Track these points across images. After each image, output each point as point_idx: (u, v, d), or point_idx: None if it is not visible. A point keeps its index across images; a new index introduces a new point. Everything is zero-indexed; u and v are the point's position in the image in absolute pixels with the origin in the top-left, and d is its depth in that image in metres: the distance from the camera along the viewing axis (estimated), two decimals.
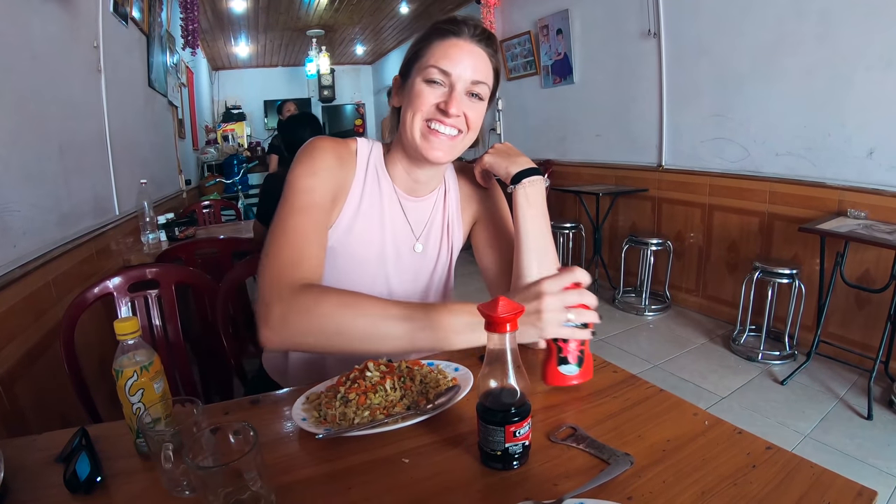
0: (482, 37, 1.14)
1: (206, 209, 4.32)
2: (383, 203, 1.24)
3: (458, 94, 1.11)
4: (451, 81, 1.11)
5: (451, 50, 1.11)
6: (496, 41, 1.18)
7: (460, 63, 1.10)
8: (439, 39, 1.12)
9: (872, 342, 3.13)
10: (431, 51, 1.12)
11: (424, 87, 1.11)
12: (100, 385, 1.81)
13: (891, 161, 3.07)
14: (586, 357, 1.03)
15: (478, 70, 1.12)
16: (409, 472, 0.79)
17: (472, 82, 1.12)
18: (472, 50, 1.12)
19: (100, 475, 0.79)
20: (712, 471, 0.77)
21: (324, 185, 1.12)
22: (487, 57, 1.15)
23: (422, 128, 1.13)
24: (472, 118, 1.14)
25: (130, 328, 0.84)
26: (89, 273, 2.47)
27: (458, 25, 1.12)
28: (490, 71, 1.16)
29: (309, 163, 1.13)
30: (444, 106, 1.10)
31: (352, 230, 1.20)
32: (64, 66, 2.53)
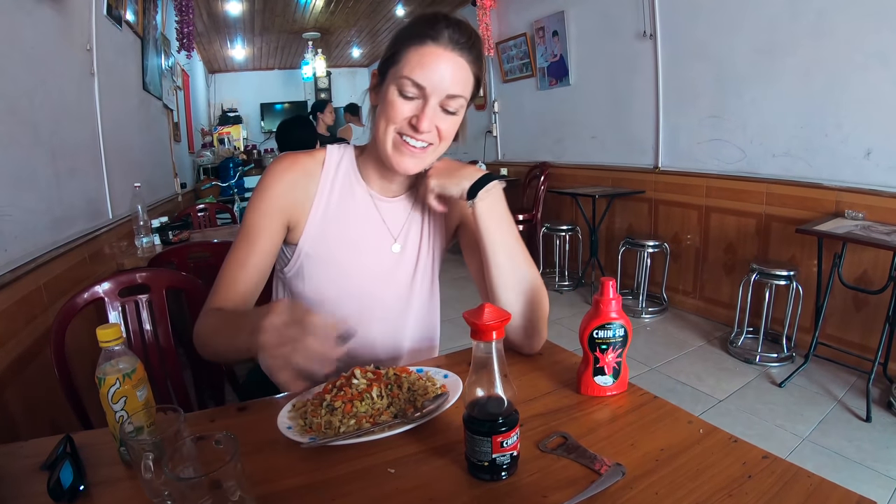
0: (463, 43, 1.07)
1: (201, 212, 4.29)
2: (356, 206, 1.24)
3: (430, 110, 1.06)
4: (425, 94, 1.06)
5: (426, 59, 1.04)
6: (480, 44, 1.12)
7: (436, 74, 1.05)
8: (416, 45, 1.06)
9: (871, 344, 3.12)
10: (407, 58, 1.06)
11: (397, 98, 1.07)
12: (91, 390, 1.79)
13: (888, 161, 3.06)
14: (623, 369, 1.02)
15: (455, 82, 1.07)
16: (394, 482, 0.77)
17: (447, 96, 1.07)
18: (450, 59, 1.06)
19: (83, 483, 0.78)
20: (707, 481, 0.75)
21: (267, 212, 1.16)
22: (467, 65, 1.08)
23: (393, 139, 1.10)
24: (444, 130, 1.11)
25: (113, 335, 0.82)
26: (82, 277, 2.45)
27: (436, 29, 1.05)
28: (469, 80, 1.11)
29: (254, 194, 1.18)
30: (415, 122, 1.07)
31: (324, 235, 1.21)
32: (57, 69, 2.52)
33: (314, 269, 1.22)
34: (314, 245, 1.21)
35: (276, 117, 10.87)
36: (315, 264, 1.22)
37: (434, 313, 1.40)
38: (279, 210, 1.17)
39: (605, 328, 0.99)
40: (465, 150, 7.26)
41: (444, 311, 1.43)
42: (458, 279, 5.35)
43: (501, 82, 6.57)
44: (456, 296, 4.97)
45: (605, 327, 0.99)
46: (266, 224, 1.16)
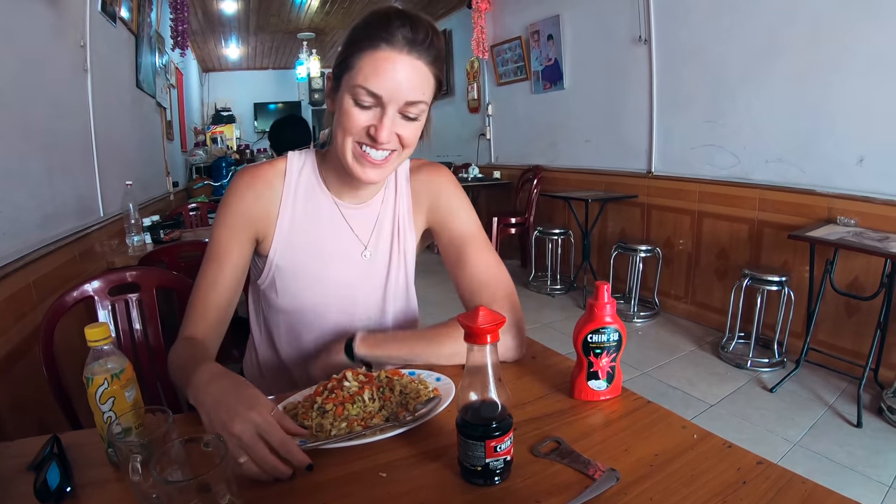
0: (420, 42, 0.99)
1: (192, 212, 4.28)
2: (322, 213, 1.21)
3: (388, 119, 1.01)
4: (381, 103, 1.00)
5: (381, 65, 0.98)
6: (438, 40, 1.03)
7: (391, 81, 0.98)
8: (369, 50, 0.98)
9: (862, 350, 3.12)
10: (360, 65, 0.99)
11: (353, 108, 1.01)
12: (80, 390, 1.77)
13: (881, 168, 3.07)
14: (617, 373, 1.01)
15: (413, 88, 1.00)
16: (386, 486, 0.76)
17: (405, 103, 1.01)
18: (406, 64, 0.99)
19: (70, 485, 0.76)
20: (702, 487, 0.74)
21: (234, 229, 1.14)
22: (425, 66, 1.02)
23: (353, 149, 1.06)
24: (406, 136, 1.05)
25: (101, 334, 0.81)
26: (72, 275, 2.43)
27: (389, 30, 0.98)
28: (429, 83, 1.04)
29: (219, 212, 1.16)
30: (373, 132, 1.02)
31: (293, 246, 1.19)
32: (49, 65, 2.50)
33: (287, 280, 1.21)
34: (284, 256, 1.19)
35: (270, 117, 10.87)
36: (287, 275, 1.21)
37: (412, 316, 1.38)
38: (245, 225, 1.15)
39: (599, 332, 0.98)
40: (458, 153, 7.26)
41: (425, 315, 1.42)
42: (440, 283, 5.35)
43: (496, 85, 6.58)
44: (436, 300, 4.98)
45: (600, 331, 0.98)
46: (233, 242, 1.14)
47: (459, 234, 1.25)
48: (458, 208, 1.27)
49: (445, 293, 5.13)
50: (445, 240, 1.27)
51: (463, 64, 7.19)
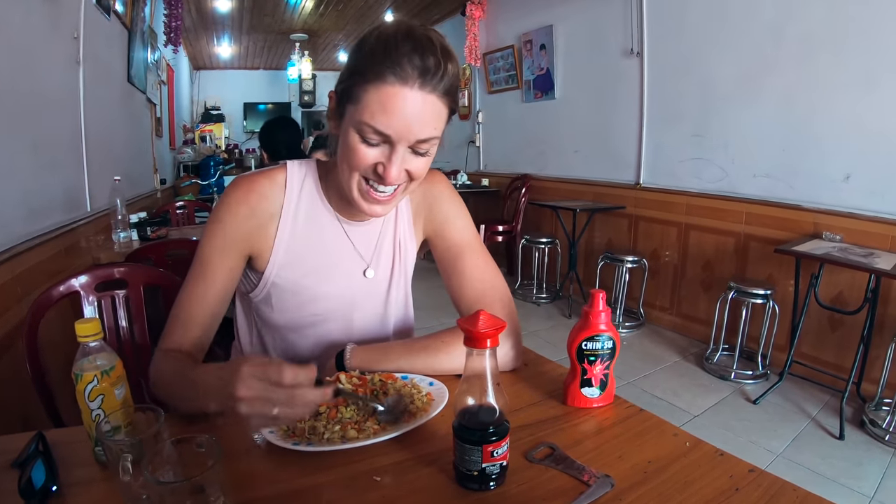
0: (431, 73, 0.89)
1: (179, 210, 4.24)
2: (324, 230, 1.16)
3: (398, 158, 0.94)
4: (390, 141, 0.92)
5: (390, 103, 0.89)
6: (452, 66, 0.93)
7: (402, 121, 0.90)
8: (375, 82, 0.89)
9: (845, 363, 3.16)
10: (366, 99, 0.90)
11: (359, 145, 0.94)
12: (64, 387, 1.75)
13: (867, 185, 3.11)
14: (610, 381, 1.01)
15: (425, 125, 0.92)
16: (380, 490, 0.76)
17: (416, 141, 0.94)
18: (417, 100, 0.90)
19: (55, 484, 0.75)
20: (695, 493, 0.75)
21: (224, 246, 1.07)
22: (439, 100, 0.93)
23: (359, 185, 1.00)
24: (416, 170, 0.99)
25: (92, 330, 0.80)
26: (57, 270, 2.40)
27: (398, 61, 0.88)
28: (442, 116, 0.96)
29: (210, 225, 1.08)
30: (381, 171, 0.95)
31: (292, 263, 1.13)
32: (42, 57, 2.48)
33: (283, 296, 1.16)
34: (281, 273, 1.13)
35: (260, 118, 10.82)
36: (284, 292, 1.15)
37: (410, 325, 1.37)
38: (238, 242, 1.08)
39: (593, 340, 0.98)
40: (447, 160, 7.26)
41: (420, 320, 1.41)
42: (434, 288, 5.34)
43: (487, 93, 6.59)
44: (431, 304, 4.97)
45: (594, 339, 0.98)
46: (222, 260, 1.07)
47: (456, 243, 1.22)
48: (455, 216, 1.24)
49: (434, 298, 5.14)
50: (441, 248, 1.24)
51: None
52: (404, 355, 1.09)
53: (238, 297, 1.26)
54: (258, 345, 1.27)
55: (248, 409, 0.76)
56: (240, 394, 0.75)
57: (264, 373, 0.76)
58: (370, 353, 1.10)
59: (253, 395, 0.75)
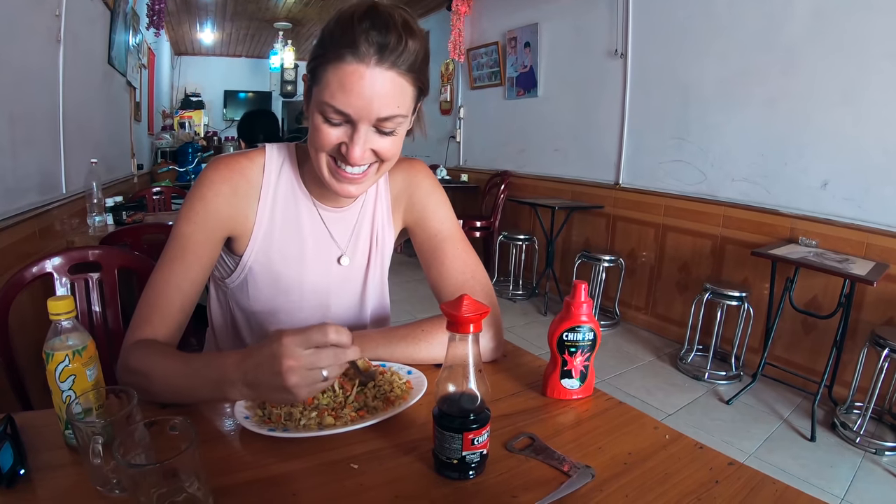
0: (392, 50, 0.88)
1: (156, 195, 4.17)
2: (301, 217, 1.14)
3: (360, 138, 0.93)
4: (351, 121, 0.92)
5: (348, 80, 0.88)
6: (416, 40, 0.92)
7: (360, 99, 0.89)
8: (334, 62, 0.89)
9: (817, 367, 3.21)
10: (327, 79, 0.90)
11: (322, 125, 0.94)
12: (33, 370, 1.71)
13: (844, 193, 3.16)
14: (590, 373, 1.01)
15: (386, 103, 0.91)
16: (358, 478, 0.74)
17: (378, 119, 0.93)
18: (376, 77, 0.89)
19: (24, 467, 0.72)
20: (676, 485, 0.75)
21: (206, 225, 1.03)
22: (400, 77, 0.91)
23: (328, 164, 0.99)
24: (385, 150, 0.98)
25: (65, 308, 0.77)
26: (29, 252, 2.35)
27: (354, 38, 0.87)
28: (406, 93, 0.94)
29: (189, 204, 1.04)
30: (345, 150, 0.95)
31: (269, 249, 1.12)
32: (22, 32, 2.42)
33: (259, 283, 1.14)
34: (259, 260, 1.12)
35: (240, 106, 10.71)
36: (260, 278, 1.14)
37: (385, 314, 1.35)
38: (219, 222, 1.05)
39: (574, 331, 0.98)
40: (426, 155, 7.24)
41: (395, 314, 1.39)
42: (411, 281, 5.35)
43: (469, 89, 6.58)
44: (405, 297, 4.96)
45: (575, 330, 0.98)
46: (203, 239, 1.03)
47: (437, 233, 1.21)
48: (436, 206, 1.23)
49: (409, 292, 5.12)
50: (422, 238, 1.23)
51: (437, 65, 7.18)
52: (383, 343, 1.07)
53: (212, 284, 1.23)
54: (233, 333, 1.24)
55: (298, 377, 0.74)
56: (287, 364, 0.74)
57: (308, 339, 0.75)
58: (355, 339, 1.08)
59: (301, 363, 0.74)
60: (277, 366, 0.74)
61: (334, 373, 0.78)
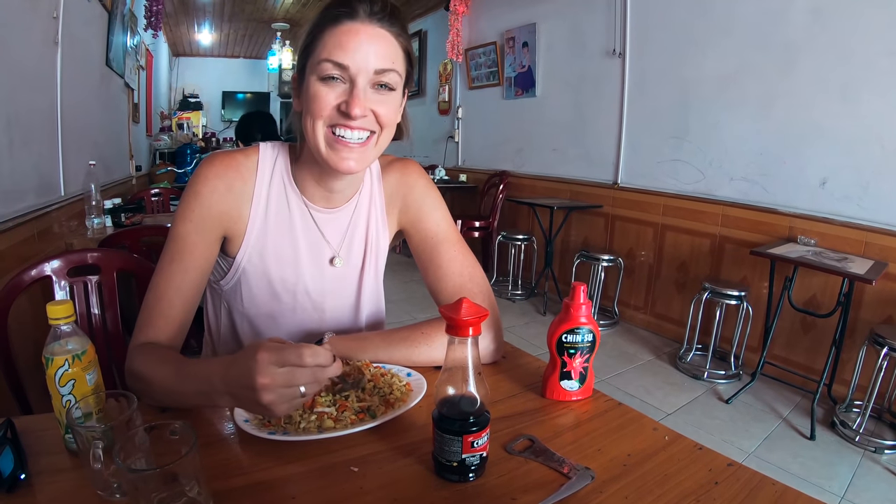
0: (382, 13, 0.95)
1: (154, 197, 4.16)
2: (293, 217, 1.13)
3: (360, 90, 0.94)
4: (350, 75, 0.94)
5: (345, 37, 0.93)
6: (402, 15, 0.99)
7: (358, 51, 0.93)
8: (331, 25, 0.94)
9: (816, 365, 3.22)
10: (323, 41, 0.94)
11: (320, 86, 0.95)
12: (33, 374, 1.71)
13: (842, 191, 3.17)
14: (589, 374, 1.01)
15: (382, 56, 0.95)
16: (358, 481, 0.75)
17: (375, 72, 0.95)
18: (372, 33, 0.94)
19: (24, 472, 0.72)
20: (675, 487, 0.75)
21: (202, 224, 1.04)
22: (393, 37, 0.97)
23: (326, 136, 0.98)
24: (383, 114, 0.98)
25: (64, 312, 0.78)
26: (28, 255, 2.34)
27: (350, 5, 0.94)
28: (398, 54, 0.98)
29: (185, 202, 1.04)
30: (345, 107, 0.95)
31: (262, 250, 1.11)
32: (19, 34, 2.41)
33: (252, 285, 1.14)
34: (252, 261, 1.11)
35: (238, 107, 10.72)
36: (253, 280, 1.13)
37: (381, 317, 1.34)
38: (216, 220, 1.05)
39: (574, 332, 0.98)
40: (425, 154, 7.25)
41: (395, 314, 1.39)
42: (410, 282, 5.35)
43: (467, 89, 6.57)
44: (404, 298, 4.96)
45: (575, 332, 0.98)
46: (201, 239, 1.03)
47: (433, 234, 1.20)
48: (431, 208, 1.22)
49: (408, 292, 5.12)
50: (418, 239, 1.22)
51: (436, 65, 7.19)
52: (383, 346, 1.08)
53: (207, 287, 1.22)
54: (229, 336, 1.23)
55: (273, 395, 0.74)
56: (261, 382, 0.73)
57: (283, 359, 0.74)
58: (348, 342, 1.08)
59: (275, 381, 0.74)
60: (252, 382, 0.74)
61: (312, 390, 0.77)
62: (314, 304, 1.20)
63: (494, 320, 1.14)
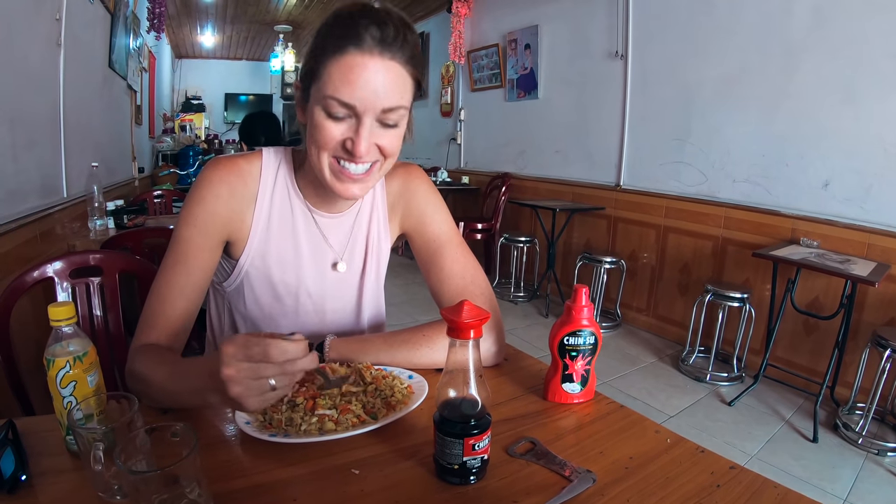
0: (392, 41, 0.90)
1: (157, 199, 4.18)
2: (296, 222, 1.14)
3: (365, 130, 0.92)
4: (356, 113, 0.91)
5: (351, 73, 0.88)
6: (412, 36, 0.94)
7: (366, 88, 0.89)
8: (336, 55, 0.89)
9: (819, 367, 3.21)
10: (328, 72, 0.90)
11: (325, 120, 0.93)
12: (34, 375, 1.71)
13: (845, 193, 3.16)
14: (591, 377, 1.01)
15: (389, 93, 0.91)
16: (359, 483, 0.74)
17: (383, 110, 0.92)
18: (379, 67, 0.89)
19: (25, 473, 0.72)
20: (677, 489, 0.75)
21: (206, 229, 1.04)
22: (401, 67, 0.92)
23: (330, 164, 0.97)
24: (387, 145, 0.97)
25: (66, 314, 0.78)
26: (31, 256, 2.34)
27: (358, 31, 0.88)
28: (407, 85, 0.95)
29: (189, 207, 1.04)
30: (350, 145, 0.93)
31: (265, 254, 1.12)
32: (22, 36, 2.42)
33: (255, 287, 1.14)
34: (255, 265, 1.12)
35: (240, 109, 10.74)
36: (256, 283, 1.14)
37: (381, 319, 1.35)
38: (219, 224, 1.05)
39: (576, 335, 0.98)
40: (427, 157, 7.25)
41: (397, 316, 1.39)
42: (409, 284, 5.35)
43: (470, 91, 6.58)
44: (406, 300, 4.96)
45: (576, 334, 0.98)
46: (204, 244, 1.04)
47: (436, 237, 1.21)
48: (434, 211, 1.23)
49: (410, 294, 5.12)
50: (420, 243, 1.23)
51: (438, 68, 7.19)
52: (384, 348, 1.07)
53: (210, 288, 1.23)
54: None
55: (240, 388, 0.73)
56: (226, 373, 0.73)
57: (247, 351, 0.73)
58: (350, 344, 1.08)
59: (241, 374, 0.73)
60: (218, 374, 0.73)
61: (283, 382, 0.76)
62: (315, 307, 1.20)
63: (496, 323, 1.13)
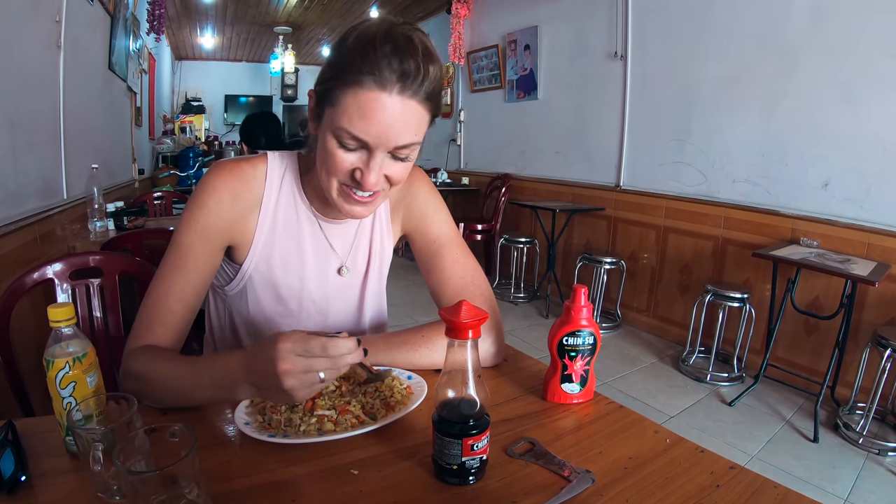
0: (412, 76, 0.86)
1: (157, 200, 4.17)
2: (301, 228, 1.14)
3: (376, 164, 0.91)
4: (368, 147, 0.90)
5: (369, 108, 0.86)
6: (434, 68, 0.90)
7: (379, 125, 0.87)
8: (354, 87, 0.86)
9: (819, 367, 3.21)
10: (344, 103, 0.87)
11: (337, 150, 0.91)
12: (34, 376, 1.71)
13: (845, 193, 3.16)
14: (590, 377, 1.01)
15: (404, 132, 0.90)
16: (358, 484, 0.75)
17: (396, 148, 0.91)
18: (396, 106, 0.87)
19: (25, 474, 0.72)
20: (676, 490, 0.75)
21: (206, 234, 1.03)
22: (419, 105, 0.89)
23: (338, 188, 0.97)
24: (396, 175, 0.96)
25: (65, 315, 0.78)
26: (31, 258, 2.35)
27: (378, 63, 0.84)
28: (423, 121, 0.93)
29: (190, 211, 1.03)
30: (359, 176, 0.93)
31: (269, 258, 1.12)
32: (22, 38, 2.42)
33: (258, 291, 1.14)
34: (258, 268, 1.12)
35: (241, 110, 10.74)
36: (259, 287, 1.14)
37: (383, 320, 1.35)
38: (221, 230, 1.04)
39: (575, 335, 0.98)
40: (427, 158, 7.25)
41: (397, 317, 1.39)
42: (410, 285, 5.35)
43: (469, 92, 6.59)
44: (407, 301, 4.95)
45: (575, 334, 0.98)
46: (204, 249, 1.03)
47: (436, 238, 1.21)
48: (434, 212, 1.23)
49: (411, 295, 5.12)
50: (421, 244, 1.23)
51: None
52: (384, 349, 1.07)
53: (211, 291, 1.23)
54: (230, 337, 1.24)
55: (294, 381, 0.75)
56: (282, 368, 0.74)
57: (307, 349, 0.75)
58: None
59: (296, 367, 0.75)
60: (274, 368, 0.74)
61: (331, 376, 0.78)
62: (318, 310, 1.21)
63: (495, 323, 1.14)
